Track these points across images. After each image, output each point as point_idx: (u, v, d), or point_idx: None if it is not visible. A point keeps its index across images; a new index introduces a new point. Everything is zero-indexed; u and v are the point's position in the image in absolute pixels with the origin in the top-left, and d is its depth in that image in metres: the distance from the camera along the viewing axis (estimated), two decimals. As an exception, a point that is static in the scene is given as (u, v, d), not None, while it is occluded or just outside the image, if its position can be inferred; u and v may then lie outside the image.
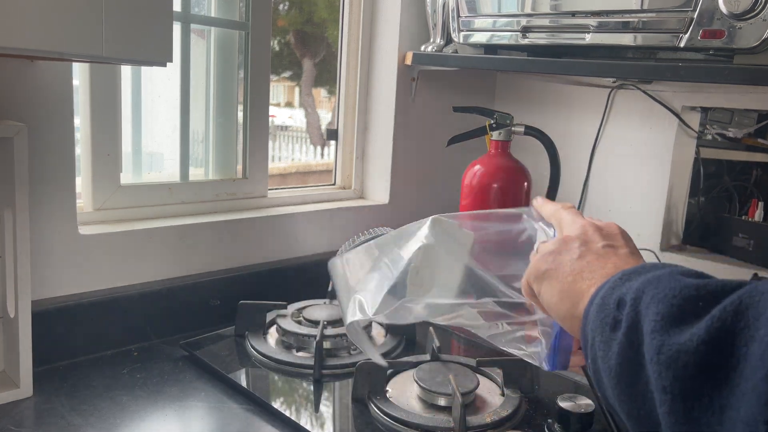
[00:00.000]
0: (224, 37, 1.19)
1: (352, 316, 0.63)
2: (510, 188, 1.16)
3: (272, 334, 1.00)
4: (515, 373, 0.88)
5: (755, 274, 1.09)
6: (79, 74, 0.98)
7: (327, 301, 1.08)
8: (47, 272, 0.92)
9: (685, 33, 0.89)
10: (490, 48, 1.22)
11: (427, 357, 0.93)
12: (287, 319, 0.99)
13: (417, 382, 0.83)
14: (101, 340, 0.96)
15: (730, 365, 0.37)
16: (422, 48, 1.34)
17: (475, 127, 1.21)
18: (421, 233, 0.66)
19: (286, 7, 1.40)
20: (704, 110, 1.33)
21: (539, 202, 0.65)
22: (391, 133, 1.39)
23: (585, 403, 0.79)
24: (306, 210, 1.26)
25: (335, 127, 1.44)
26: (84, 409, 0.80)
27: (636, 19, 0.95)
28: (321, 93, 1.50)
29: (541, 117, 1.49)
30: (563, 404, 0.78)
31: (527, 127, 1.17)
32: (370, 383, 0.82)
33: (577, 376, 0.92)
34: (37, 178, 0.89)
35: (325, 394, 0.87)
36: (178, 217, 1.11)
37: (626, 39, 0.97)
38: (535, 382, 0.90)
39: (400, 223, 1.58)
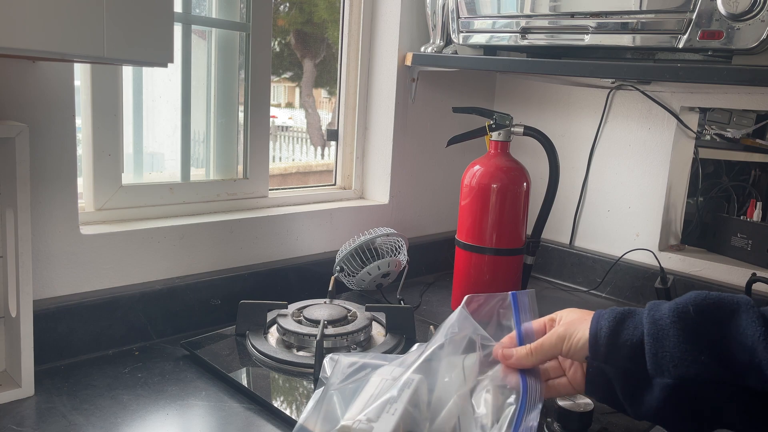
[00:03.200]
0: (225, 38, 1.19)
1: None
2: (509, 188, 1.16)
3: (273, 334, 1.00)
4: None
5: (753, 274, 1.09)
6: (81, 75, 0.98)
7: (327, 300, 1.09)
8: (49, 272, 0.93)
9: (684, 34, 0.90)
10: (489, 49, 1.23)
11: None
12: (288, 318, 1.00)
13: None
14: (102, 339, 0.96)
15: None
16: (422, 49, 1.35)
17: (474, 127, 1.22)
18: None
19: (286, 8, 1.40)
20: (703, 111, 1.34)
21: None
22: (391, 133, 1.39)
23: (584, 402, 0.79)
24: (306, 210, 1.27)
25: (335, 128, 1.44)
26: (85, 408, 0.80)
27: (635, 20, 0.95)
28: (321, 93, 1.51)
29: (541, 117, 1.49)
30: (562, 403, 0.78)
31: (526, 127, 1.17)
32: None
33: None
34: (39, 178, 0.90)
35: (325, 394, 0.87)
36: (179, 217, 1.11)
37: (625, 40, 0.98)
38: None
39: (400, 223, 1.60)
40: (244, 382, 0.87)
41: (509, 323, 0.75)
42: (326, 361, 0.76)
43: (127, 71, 1.08)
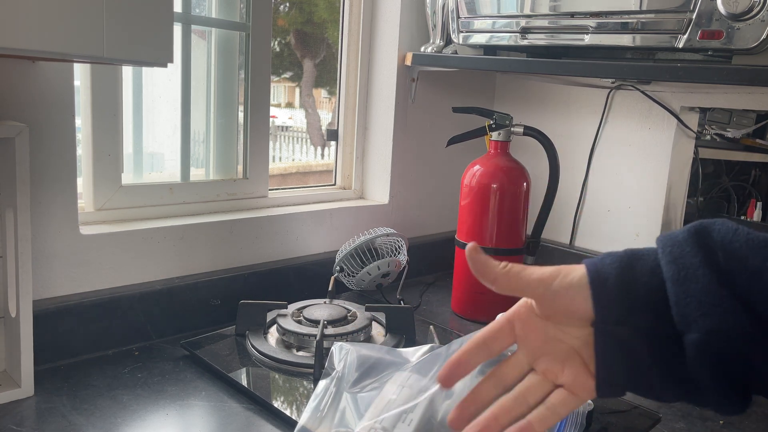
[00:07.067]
0: (225, 37, 1.19)
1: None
2: (509, 188, 1.16)
3: (272, 334, 1.00)
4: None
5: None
6: (80, 75, 0.98)
7: (327, 300, 1.09)
8: (48, 272, 0.93)
9: (684, 34, 0.90)
10: (489, 49, 1.23)
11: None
12: (287, 318, 1.00)
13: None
14: (102, 339, 0.96)
15: None
16: (422, 49, 1.35)
17: (474, 127, 1.22)
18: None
19: (286, 8, 1.40)
20: (703, 111, 1.34)
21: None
22: (391, 133, 1.39)
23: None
24: (306, 210, 1.27)
25: (335, 128, 1.44)
26: (85, 408, 0.80)
27: (635, 20, 0.95)
28: (321, 93, 1.51)
29: (541, 117, 1.49)
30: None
31: (526, 127, 1.17)
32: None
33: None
34: (39, 178, 0.89)
35: (325, 394, 0.87)
36: (179, 217, 1.11)
37: (625, 40, 0.98)
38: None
39: (400, 223, 1.59)
40: (244, 382, 0.87)
41: None
42: (335, 348, 0.75)
43: (127, 71, 1.08)
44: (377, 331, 1.04)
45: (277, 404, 0.82)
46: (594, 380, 0.47)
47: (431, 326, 1.06)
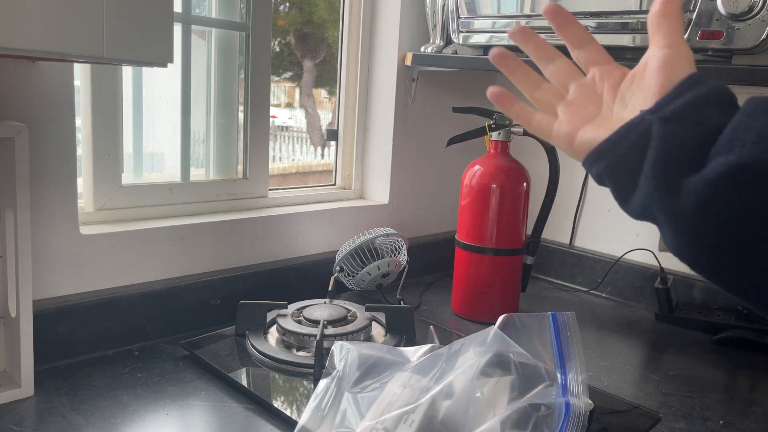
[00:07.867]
0: (225, 37, 1.19)
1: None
2: (509, 188, 1.16)
3: (273, 334, 1.00)
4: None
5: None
6: (81, 75, 0.98)
7: (327, 300, 1.09)
8: (48, 272, 0.93)
9: (684, 34, 0.89)
10: (489, 49, 1.22)
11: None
12: (287, 318, 1.00)
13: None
14: (102, 339, 0.96)
15: None
16: (422, 49, 1.35)
17: (474, 127, 1.21)
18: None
19: (286, 8, 1.40)
20: (703, 111, 1.33)
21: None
22: (391, 133, 1.39)
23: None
24: (306, 210, 1.27)
25: (335, 128, 1.44)
26: (85, 408, 0.80)
27: (635, 20, 0.95)
28: (321, 93, 1.51)
29: (541, 117, 1.49)
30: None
31: (527, 127, 1.17)
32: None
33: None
34: (39, 178, 0.89)
35: (325, 394, 0.87)
36: (179, 217, 1.11)
37: (625, 40, 0.98)
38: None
39: (400, 223, 1.59)
40: (244, 383, 0.87)
41: (547, 345, 0.72)
42: (335, 347, 0.74)
43: (127, 71, 1.08)
44: (377, 331, 1.04)
45: (277, 404, 0.82)
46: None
47: (431, 326, 1.06)
